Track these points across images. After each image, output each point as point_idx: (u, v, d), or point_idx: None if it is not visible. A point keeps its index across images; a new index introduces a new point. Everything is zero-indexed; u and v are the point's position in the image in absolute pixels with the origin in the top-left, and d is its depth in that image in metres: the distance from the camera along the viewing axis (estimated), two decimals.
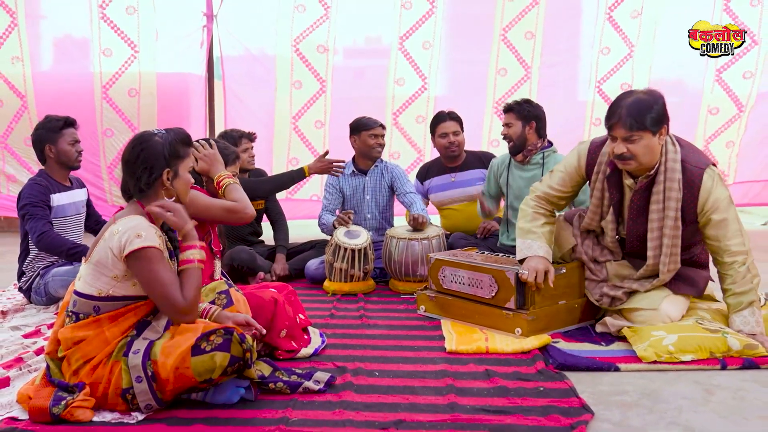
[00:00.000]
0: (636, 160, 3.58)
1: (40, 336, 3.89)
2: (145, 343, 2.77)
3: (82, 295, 2.84)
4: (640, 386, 3.08)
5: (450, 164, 5.75)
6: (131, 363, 2.71)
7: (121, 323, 2.82)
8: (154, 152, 2.87)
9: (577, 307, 3.92)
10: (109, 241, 2.78)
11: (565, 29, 7.80)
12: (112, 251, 2.77)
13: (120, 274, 2.79)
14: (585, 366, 3.29)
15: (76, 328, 2.81)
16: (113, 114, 7.47)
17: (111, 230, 2.80)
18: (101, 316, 2.81)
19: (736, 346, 3.35)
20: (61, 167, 4.65)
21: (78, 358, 2.79)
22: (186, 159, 2.97)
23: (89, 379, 2.76)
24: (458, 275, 4.05)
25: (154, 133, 2.92)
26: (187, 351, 2.66)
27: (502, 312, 3.79)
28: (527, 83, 7.59)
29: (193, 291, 2.83)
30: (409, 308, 4.44)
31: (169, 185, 2.92)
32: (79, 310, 2.84)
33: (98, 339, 2.78)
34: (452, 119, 5.66)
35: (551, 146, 5.01)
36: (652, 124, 3.51)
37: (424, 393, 2.96)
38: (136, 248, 2.73)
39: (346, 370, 3.22)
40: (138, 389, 2.70)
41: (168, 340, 2.75)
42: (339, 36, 7.59)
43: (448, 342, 3.63)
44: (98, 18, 7.31)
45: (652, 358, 3.32)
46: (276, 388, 2.93)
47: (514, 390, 2.98)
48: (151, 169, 2.86)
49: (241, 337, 2.74)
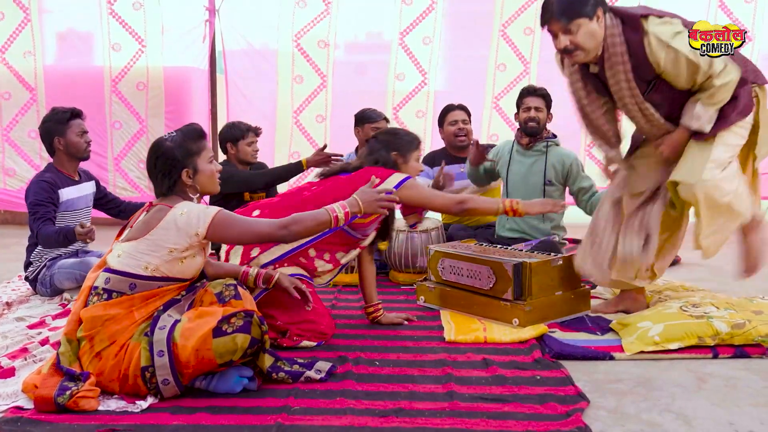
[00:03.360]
0: (581, 50, 3.47)
1: (44, 327, 3.89)
2: (171, 320, 2.81)
3: (119, 272, 2.87)
4: (634, 374, 3.09)
5: (457, 154, 5.74)
6: (156, 338, 2.74)
7: (150, 305, 2.88)
8: (168, 157, 2.96)
9: (573, 297, 3.93)
10: (176, 221, 2.86)
11: None
12: (179, 227, 2.86)
13: (180, 247, 2.88)
14: (581, 355, 3.30)
15: (108, 305, 2.84)
16: (122, 107, 7.51)
17: (174, 213, 2.88)
18: (135, 295, 2.86)
19: (723, 328, 3.36)
20: (70, 159, 4.64)
21: (103, 339, 2.80)
22: (202, 153, 3.03)
23: (112, 361, 2.78)
24: (457, 266, 4.06)
25: (165, 138, 3.01)
26: (209, 333, 2.69)
27: (500, 302, 3.80)
28: (526, 78, 7.58)
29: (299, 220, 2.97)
30: (409, 299, 4.45)
31: (191, 182, 3.00)
32: (113, 287, 2.87)
33: (127, 319, 2.82)
34: (461, 109, 5.73)
35: (555, 137, 5.08)
36: (585, 8, 3.39)
37: (423, 382, 2.97)
38: (213, 215, 2.87)
39: (347, 359, 3.23)
40: (158, 363, 2.72)
41: (187, 323, 2.77)
42: (340, 31, 7.59)
43: (447, 332, 3.64)
44: (107, 13, 7.35)
45: (636, 349, 3.32)
46: (278, 378, 2.94)
47: (511, 379, 2.99)
48: (170, 173, 2.96)
49: (261, 320, 2.79)
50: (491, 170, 5.21)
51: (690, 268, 5.26)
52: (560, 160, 5.05)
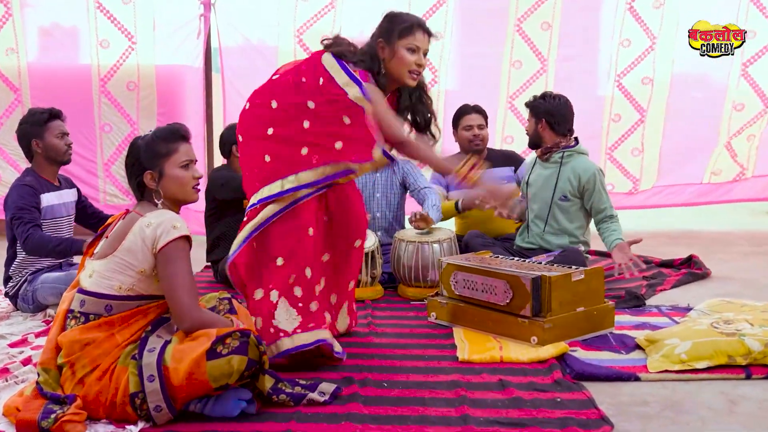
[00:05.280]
0: None
1: (26, 345, 3.89)
2: (161, 342, 2.80)
3: (92, 293, 2.87)
4: (661, 396, 3.09)
5: None
6: (145, 361, 2.73)
7: (132, 325, 2.87)
8: (134, 157, 2.98)
9: (596, 314, 3.93)
10: (140, 234, 2.84)
11: (583, 20, 7.79)
12: (144, 243, 2.83)
13: (148, 268, 2.85)
14: (604, 375, 3.30)
15: (85, 329, 2.83)
16: (112, 109, 7.50)
17: (141, 223, 2.86)
18: (113, 316, 2.85)
19: (756, 347, 3.35)
20: (49, 163, 4.63)
21: (85, 365, 2.79)
22: (173, 155, 2.99)
23: (96, 387, 2.77)
24: (471, 280, 4.05)
25: (141, 136, 3.02)
26: (202, 355, 2.68)
27: (517, 319, 3.80)
28: (543, 77, 7.58)
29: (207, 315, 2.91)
30: (419, 315, 4.45)
31: (155, 186, 2.97)
32: (89, 310, 2.87)
33: (108, 342, 2.81)
34: (477, 112, 5.70)
35: (575, 146, 5.00)
36: None
37: (435, 405, 2.97)
38: (173, 238, 2.82)
39: (352, 380, 3.23)
40: (149, 389, 2.71)
41: (178, 344, 2.77)
42: (345, 26, 7.57)
43: (460, 351, 3.65)
44: (94, 8, 7.33)
45: (661, 368, 3.33)
46: (279, 401, 2.94)
47: (530, 401, 2.99)
48: (134, 175, 2.98)
49: (258, 339, 2.78)
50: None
51: (721, 281, 5.24)
52: (576, 174, 4.92)
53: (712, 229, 7.84)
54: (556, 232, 4.99)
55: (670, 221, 8.26)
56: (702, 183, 7.84)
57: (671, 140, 7.68)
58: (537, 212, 5.04)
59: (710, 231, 7.73)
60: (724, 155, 7.72)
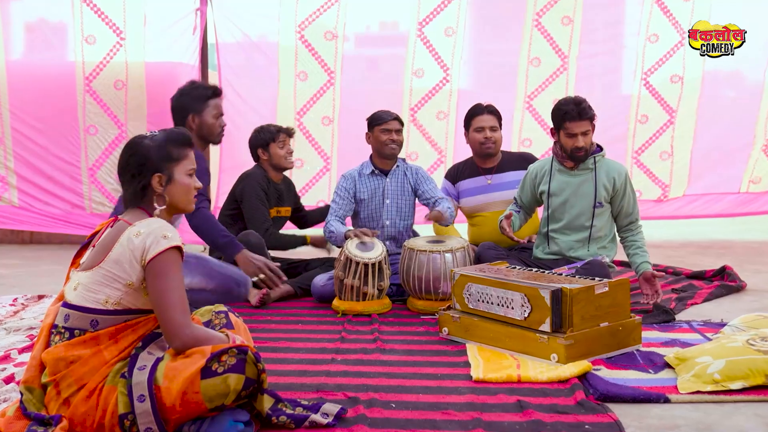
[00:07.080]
0: None
1: (9, 362, 3.89)
2: (152, 359, 2.79)
3: (77, 307, 2.86)
4: (693, 420, 3.06)
5: (484, 165, 5.75)
6: (135, 380, 2.72)
7: (120, 341, 2.85)
8: (142, 156, 2.95)
9: (622, 329, 3.91)
10: (128, 244, 2.83)
11: (607, 14, 7.82)
12: (133, 253, 2.82)
13: (136, 280, 2.84)
14: (630, 396, 3.28)
15: (70, 346, 2.82)
16: (97, 109, 7.52)
17: (130, 232, 2.85)
18: (100, 332, 2.83)
19: None
20: (199, 141, 4.76)
21: (71, 384, 2.78)
22: (183, 161, 3.02)
23: (83, 408, 2.76)
24: (486, 293, 4.05)
25: (145, 136, 3.00)
26: (196, 374, 2.66)
27: (536, 335, 3.79)
28: (563, 75, 7.59)
29: (201, 332, 2.87)
30: (429, 330, 4.44)
31: (162, 191, 2.97)
32: (73, 325, 2.85)
33: (95, 359, 2.80)
34: (490, 113, 5.70)
35: (601, 150, 4.99)
36: None
37: (447, 427, 2.96)
38: (163, 249, 2.80)
39: (358, 401, 3.22)
40: (140, 410, 2.70)
41: (170, 362, 2.76)
42: (350, 21, 7.62)
43: (474, 369, 3.63)
44: (80, 1, 7.36)
45: (692, 389, 3.31)
46: (279, 422, 2.92)
47: (550, 425, 2.97)
48: (140, 175, 2.95)
49: (256, 356, 2.76)
50: (529, 205, 5.26)
51: (757, 294, 5.23)
52: (611, 177, 4.92)
53: (746, 238, 7.81)
54: (590, 240, 4.98)
55: (701, 230, 8.25)
56: (740, 192, 7.80)
57: (703, 143, 7.67)
58: (568, 222, 4.99)
59: (744, 240, 7.70)
60: (762, 160, 7.69)
